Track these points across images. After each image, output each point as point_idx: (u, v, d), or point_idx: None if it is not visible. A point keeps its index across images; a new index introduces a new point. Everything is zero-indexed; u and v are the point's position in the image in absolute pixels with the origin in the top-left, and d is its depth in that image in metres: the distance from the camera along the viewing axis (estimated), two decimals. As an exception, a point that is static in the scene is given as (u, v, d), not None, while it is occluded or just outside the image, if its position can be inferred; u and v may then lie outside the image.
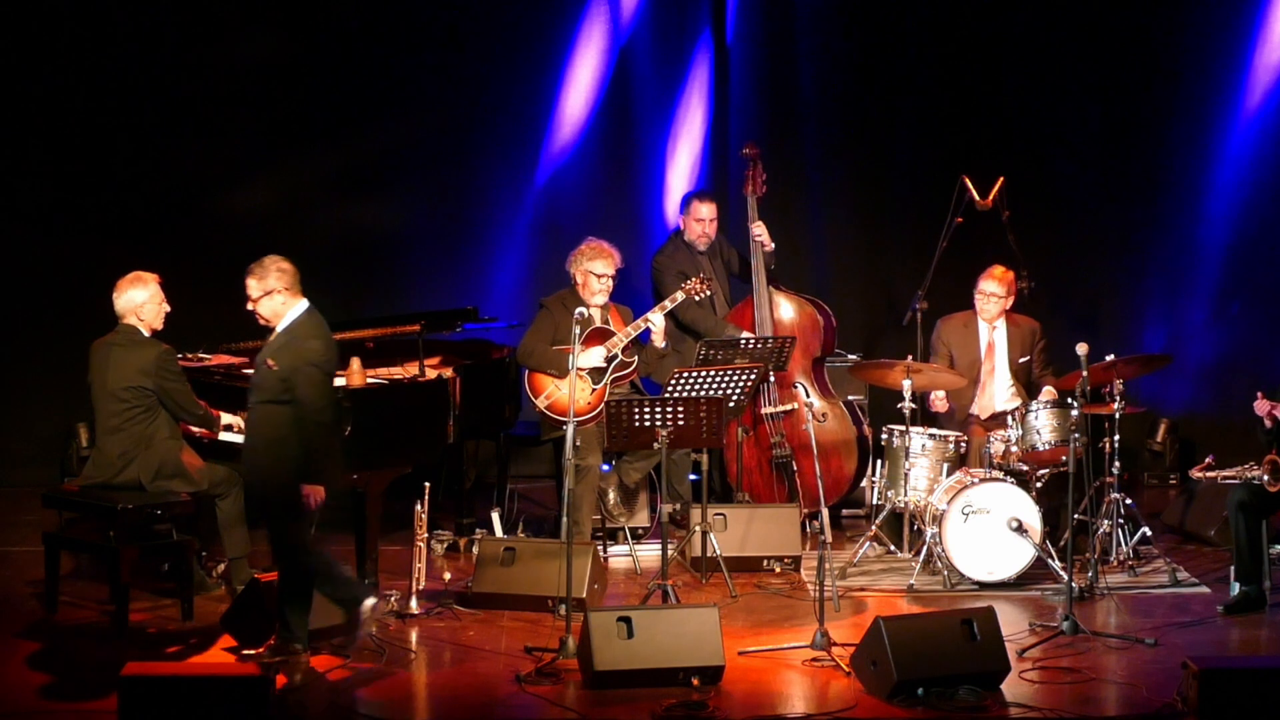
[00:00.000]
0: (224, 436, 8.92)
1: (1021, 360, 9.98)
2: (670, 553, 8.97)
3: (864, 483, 10.21)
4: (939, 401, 9.92)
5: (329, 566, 7.97)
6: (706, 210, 10.43)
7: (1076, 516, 8.95)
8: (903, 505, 9.61)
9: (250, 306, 7.82)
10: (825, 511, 8.30)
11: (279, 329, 7.83)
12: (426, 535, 8.85)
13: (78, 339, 9.24)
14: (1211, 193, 11.78)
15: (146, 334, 8.70)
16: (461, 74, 11.67)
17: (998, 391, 9.96)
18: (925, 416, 10.22)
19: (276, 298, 7.79)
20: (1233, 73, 11.65)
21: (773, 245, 10.41)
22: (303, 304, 7.85)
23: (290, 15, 11.55)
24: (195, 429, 8.84)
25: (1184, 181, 11.80)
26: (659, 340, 9.79)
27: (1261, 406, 8.87)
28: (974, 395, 9.98)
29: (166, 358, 8.66)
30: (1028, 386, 9.96)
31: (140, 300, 8.68)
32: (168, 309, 8.79)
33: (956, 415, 9.97)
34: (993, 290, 9.93)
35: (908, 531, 9.67)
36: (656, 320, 9.74)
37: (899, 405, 9.60)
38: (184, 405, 8.66)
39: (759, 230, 10.33)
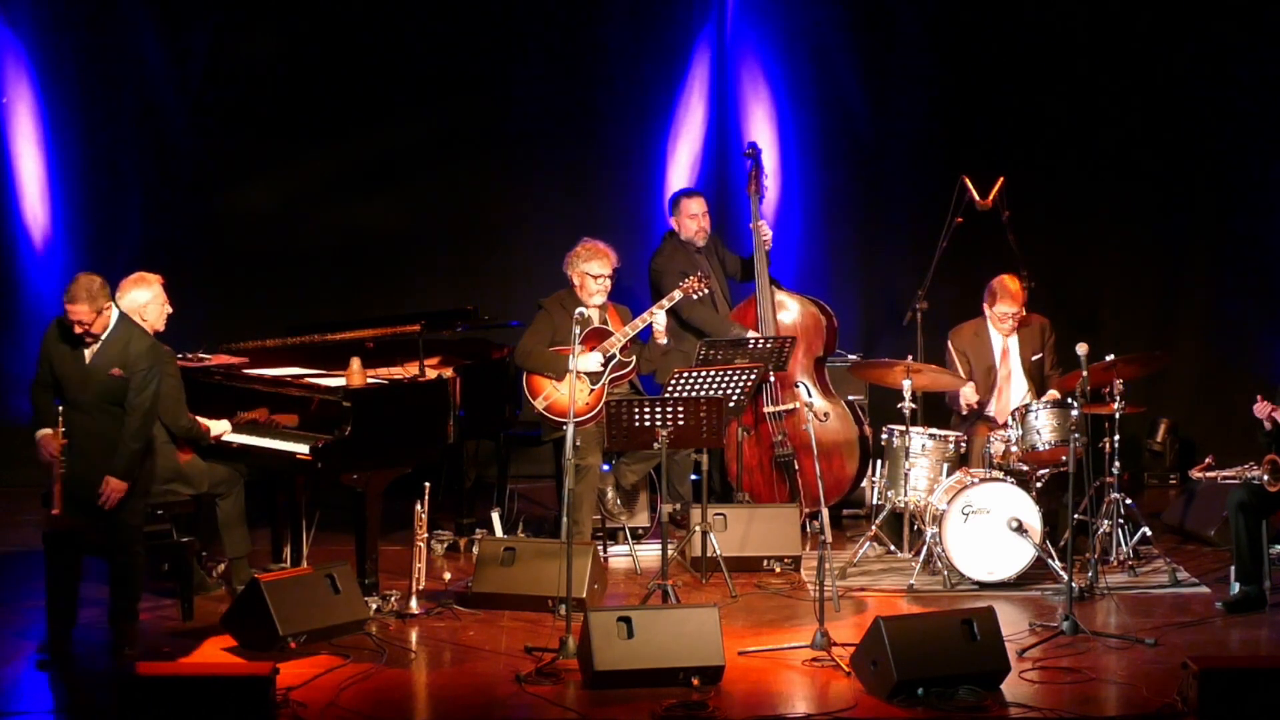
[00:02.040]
0: (225, 437, 8.92)
1: (1034, 358, 9.97)
2: (670, 553, 8.97)
3: (864, 483, 10.21)
4: (970, 398, 9.88)
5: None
6: (697, 205, 10.45)
7: (1076, 516, 8.94)
8: (903, 505, 9.60)
9: (80, 330, 8.02)
10: (825, 511, 8.30)
11: (103, 338, 8.05)
12: (426, 535, 8.86)
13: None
14: (1211, 192, 11.78)
15: (149, 335, 8.69)
16: (461, 74, 11.67)
17: (1014, 396, 9.92)
18: (926, 416, 10.23)
19: (106, 313, 8.03)
20: (1232, 70, 11.64)
21: (771, 244, 10.42)
22: (116, 310, 8.13)
23: (289, 16, 11.56)
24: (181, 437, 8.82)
25: (1184, 181, 11.79)
26: (661, 338, 9.78)
27: (1261, 409, 8.86)
28: (987, 397, 9.95)
29: (166, 360, 8.65)
30: (1040, 383, 9.93)
31: (144, 301, 8.69)
32: (170, 310, 8.79)
33: (971, 413, 9.95)
34: (1012, 311, 9.87)
35: (908, 531, 9.67)
36: (659, 318, 9.72)
37: (899, 405, 9.60)
38: (173, 412, 8.64)
39: (763, 230, 10.33)
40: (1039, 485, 9.42)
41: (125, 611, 8.14)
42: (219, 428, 8.89)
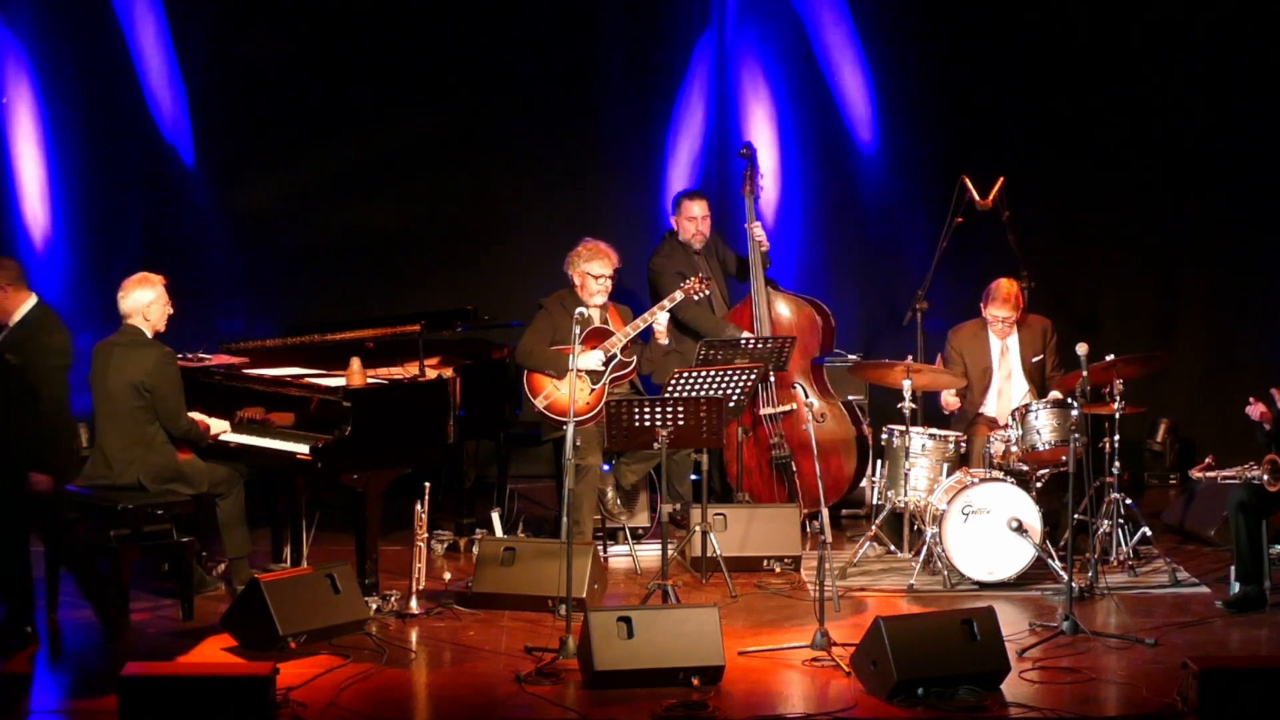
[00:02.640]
0: (223, 436, 8.92)
1: (1035, 360, 9.96)
2: (670, 553, 8.97)
3: (864, 483, 10.21)
4: (950, 401, 9.89)
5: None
6: (699, 208, 10.43)
7: (1076, 516, 8.94)
8: (903, 505, 9.60)
9: None
10: (825, 511, 8.30)
11: (11, 324, 8.14)
12: (426, 535, 8.85)
13: (78, 338, 9.25)
14: (1211, 192, 11.78)
15: (150, 335, 8.71)
16: (461, 74, 11.67)
17: (1014, 397, 9.91)
18: (928, 416, 10.22)
19: (6, 293, 8.12)
20: (1231, 70, 11.64)
21: (768, 245, 10.42)
22: (32, 299, 8.19)
23: (289, 16, 11.56)
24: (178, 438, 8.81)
25: (1184, 181, 11.79)
26: (662, 338, 9.77)
27: (1253, 411, 8.88)
28: (983, 397, 9.95)
29: (167, 360, 8.68)
30: (1041, 385, 9.92)
31: (146, 301, 8.71)
32: (171, 311, 8.81)
33: (968, 413, 9.96)
34: (1004, 315, 9.88)
35: (908, 531, 9.67)
36: (660, 319, 9.72)
37: (899, 405, 9.60)
38: (171, 413, 8.65)
39: (757, 231, 10.34)
40: (1039, 485, 9.42)
41: (103, 605, 8.12)
42: (218, 427, 8.90)
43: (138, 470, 8.60)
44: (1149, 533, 9.71)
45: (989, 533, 9.14)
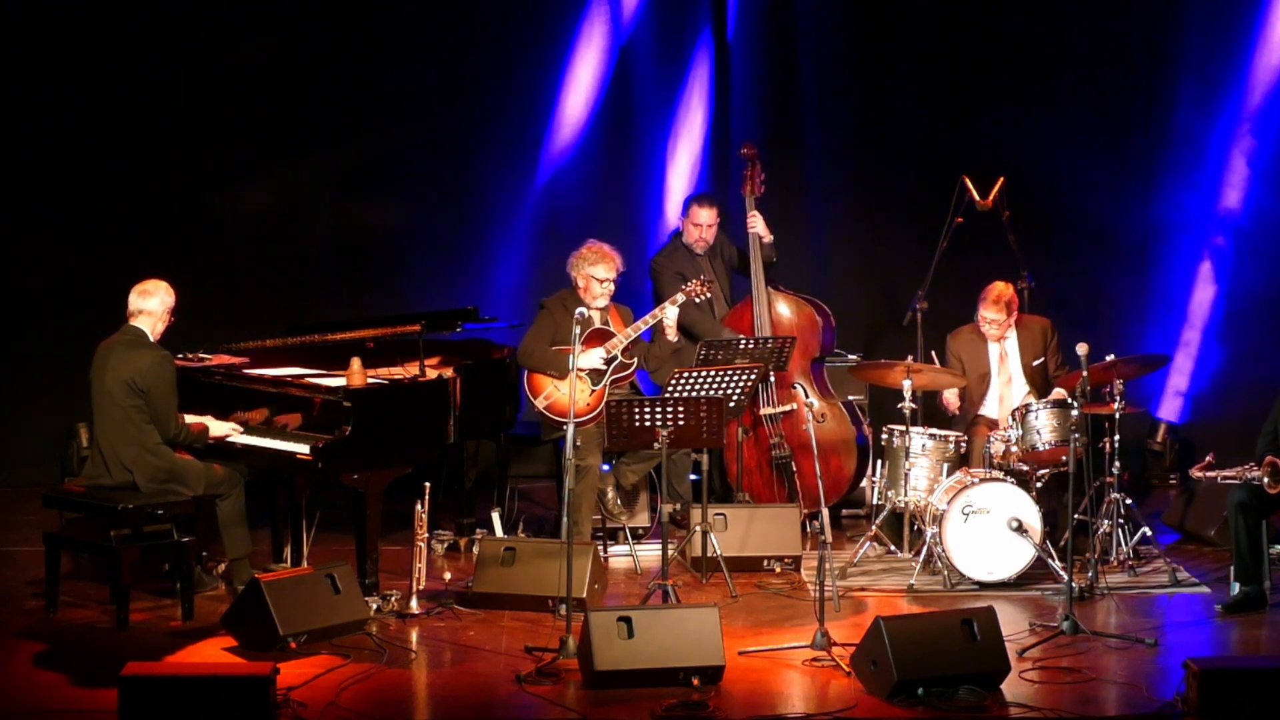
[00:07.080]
0: (228, 438, 8.93)
1: (1036, 363, 9.93)
2: (670, 553, 8.97)
3: (864, 483, 10.21)
4: (952, 402, 9.86)
5: None
6: (705, 215, 10.38)
7: (1076, 516, 8.94)
8: (903, 505, 9.60)
9: None
10: (825, 511, 8.30)
11: None
12: (427, 535, 8.85)
13: (78, 338, 9.27)
14: (1211, 192, 11.78)
15: (151, 338, 8.71)
16: (462, 73, 11.67)
17: (1014, 401, 9.89)
18: (928, 416, 10.22)
19: None
20: (1233, 71, 11.65)
21: (771, 236, 10.37)
22: None
23: (290, 15, 11.56)
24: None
25: (1183, 181, 11.79)
26: (671, 334, 9.72)
27: None
28: (982, 401, 9.93)
29: (163, 363, 8.66)
30: (1043, 388, 9.89)
31: (159, 309, 8.72)
32: (174, 321, 8.81)
33: (967, 415, 9.95)
34: (993, 317, 9.84)
35: (908, 531, 9.67)
36: (670, 314, 9.66)
37: (899, 405, 9.60)
38: (161, 416, 8.62)
39: (756, 223, 10.29)
40: (1039, 485, 9.42)
41: None
42: (222, 429, 8.89)
43: (133, 470, 8.59)
44: (1149, 533, 9.72)
45: (989, 533, 9.14)
